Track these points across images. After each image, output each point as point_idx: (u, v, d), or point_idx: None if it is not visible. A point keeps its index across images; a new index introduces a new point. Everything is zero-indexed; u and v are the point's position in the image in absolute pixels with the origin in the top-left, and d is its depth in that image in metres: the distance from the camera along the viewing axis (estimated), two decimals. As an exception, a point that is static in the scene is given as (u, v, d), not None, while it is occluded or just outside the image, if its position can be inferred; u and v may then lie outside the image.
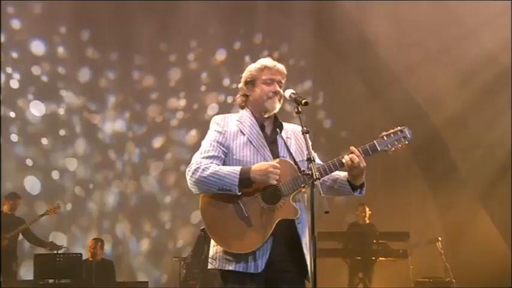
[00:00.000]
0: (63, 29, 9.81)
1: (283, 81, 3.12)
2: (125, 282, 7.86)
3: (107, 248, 9.27)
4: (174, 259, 8.05)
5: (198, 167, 2.91)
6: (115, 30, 9.66)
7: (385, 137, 2.94)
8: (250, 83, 3.12)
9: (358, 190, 3.02)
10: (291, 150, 3.01)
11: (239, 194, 2.85)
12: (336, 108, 10.70)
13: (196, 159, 2.97)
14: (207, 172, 2.87)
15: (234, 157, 2.98)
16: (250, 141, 2.99)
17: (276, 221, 2.83)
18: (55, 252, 7.55)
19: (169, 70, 10.40)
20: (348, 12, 9.49)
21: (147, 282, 7.92)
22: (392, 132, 2.95)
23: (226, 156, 3.00)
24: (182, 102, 10.40)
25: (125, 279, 9.09)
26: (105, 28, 9.64)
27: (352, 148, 2.88)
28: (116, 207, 9.80)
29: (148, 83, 10.28)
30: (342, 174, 3.03)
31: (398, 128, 2.96)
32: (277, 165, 2.85)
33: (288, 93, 2.99)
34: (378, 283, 8.46)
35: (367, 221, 8.64)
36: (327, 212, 2.58)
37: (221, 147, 3.00)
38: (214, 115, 3.18)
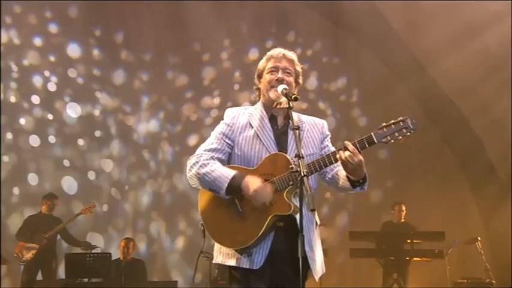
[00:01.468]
0: (97, 31, 10.00)
1: (291, 68, 3.04)
2: (154, 281, 7.89)
3: (142, 247, 9.40)
4: (204, 258, 8.05)
5: (197, 162, 2.91)
6: (148, 32, 9.80)
7: (384, 128, 2.79)
8: (259, 75, 3.11)
9: (360, 186, 2.91)
10: (301, 144, 2.92)
11: (226, 198, 2.83)
12: (371, 106, 10.53)
13: (199, 151, 2.98)
14: (203, 170, 2.87)
15: (239, 151, 2.97)
16: (257, 135, 2.96)
17: (269, 217, 2.79)
18: (85, 251, 7.70)
19: (203, 69, 10.46)
20: (380, 8, 9.33)
21: (176, 281, 7.94)
22: (393, 123, 2.79)
23: (231, 150, 2.99)
24: (216, 101, 10.44)
25: (160, 277, 9.18)
26: (138, 30, 9.80)
27: (346, 142, 2.76)
28: (151, 207, 9.91)
29: (182, 83, 10.37)
30: None
31: (400, 118, 2.81)
32: (269, 188, 2.78)
33: (281, 88, 2.93)
34: (413, 284, 8.26)
35: (403, 220, 8.46)
36: (312, 210, 2.54)
37: (226, 140, 2.99)
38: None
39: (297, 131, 2.75)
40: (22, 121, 9.49)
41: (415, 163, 10.15)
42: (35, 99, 9.58)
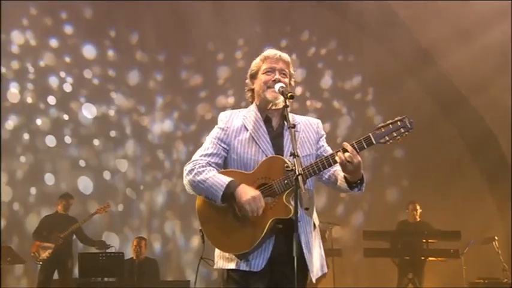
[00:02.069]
0: (112, 32, 10.07)
1: (287, 70, 3.00)
2: (167, 281, 7.88)
3: (157, 246, 9.44)
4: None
5: (193, 169, 2.87)
6: (163, 32, 9.86)
7: (382, 128, 2.76)
8: (253, 76, 3.06)
9: (358, 187, 2.86)
10: (297, 144, 2.88)
11: (222, 205, 2.79)
12: (386, 104, 10.44)
13: (195, 157, 2.95)
14: (198, 177, 2.83)
15: (235, 154, 2.92)
16: (253, 137, 2.92)
17: (270, 221, 2.75)
18: (99, 251, 7.75)
19: (217, 69, 10.48)
20: (395, 9, 9.29)
21: (188, 281, 7.90)
22: (390, 123, 2.76)
23: (227, 154, 2.95)
24: (231, 100, 10.46)
25: (175, 277, 9.21)
26: (153, 30, 9.86)
27: (345, 144, 2.73)
28: (165, 206, 9.96)
29: (196, 82, 10.41)
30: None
31: (398, 118, 2.77)
32: (261, 202, 2.73)
33: (278, 86, 2.89)
34: (429, 284, 8.19)
35: (418, 219, 8.38)
36: (306, 209, 2.51)
37: (222, 144, 2.95)
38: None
39: (293, 129, 2.72)
40: (38, 122, 9.59)
41: (432, 162, 10.06)
42: (51, 100, 9.68)
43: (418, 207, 8.36)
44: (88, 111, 9.85)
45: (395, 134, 2.75)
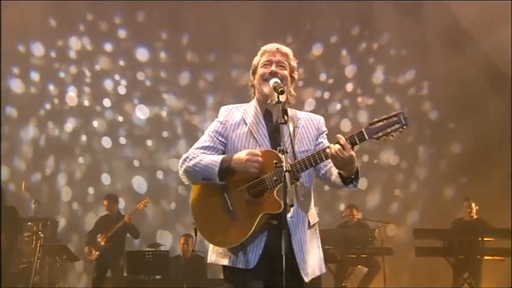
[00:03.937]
0: (164, 34, 10.27)
1: (286, 62, 2.97)
2: (211, 279, 7.85)
3: (208, 243, 9.55)
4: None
5: (187, 157, 2.88)
6: (212, 32, 9.95)
7: (376, 123, 2.67)
8: (253, 71, 3.04)
9: (352, 183, 2.76)
10: (295, 140, 2.86)
11: (222, 183, 2.76)
12: (442, 99, 10.07)
13: (192, 149, 2.95)
14: (192, 162, 2.83)
15: (233, 148, 2.90)
16: (251, 132, 2.90)
17: (260, 215, 2.70)
18: (145, 249, 7.90)
19: (267, 66, 10.44)
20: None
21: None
22: (385, 118, 2.67)
23: (225, 147, 2.94)
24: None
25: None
26: (202, 30, 9.98)
27: (339, 136, 2.65)
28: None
29: (246, 81, 10.38)
30: None
31: (393, 113, 2.67)
32: (257, 152, 2.71)
33: (272, 82, 2.86)
34: (487, 284, 7.79)
35: (475, 217, 8.01)
36: (291, 206, 2.47)
37: (219, 137, 2.94)
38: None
39: (284, 125, 2.68)
40: (95, 124, 9.96)
41: (491, 157, 9.61)
42: (107, 102, 10.03)
43: (473, 204, 8.01)
44: (141, 113, 10.12)
45: (389, 130, 2.66)
